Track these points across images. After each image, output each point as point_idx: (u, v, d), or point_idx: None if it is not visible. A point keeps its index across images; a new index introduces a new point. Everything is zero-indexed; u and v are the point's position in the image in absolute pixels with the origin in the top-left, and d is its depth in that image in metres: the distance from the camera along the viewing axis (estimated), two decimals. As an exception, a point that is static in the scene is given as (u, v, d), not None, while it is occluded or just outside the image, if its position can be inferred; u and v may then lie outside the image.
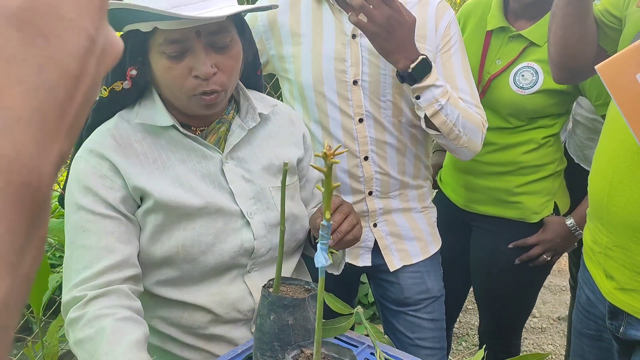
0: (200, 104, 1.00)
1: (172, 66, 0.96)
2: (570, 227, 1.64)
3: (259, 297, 1.04)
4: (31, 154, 0.23)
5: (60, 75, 0.24)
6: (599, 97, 1.53)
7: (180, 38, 0.94)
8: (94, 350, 0.87)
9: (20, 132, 0.23)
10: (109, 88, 1.03)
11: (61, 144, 0.25)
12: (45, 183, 0.24)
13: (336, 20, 1.39)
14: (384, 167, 1.45)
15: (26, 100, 0.23)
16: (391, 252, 1.51)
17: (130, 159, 1.00)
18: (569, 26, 1.22)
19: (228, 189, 1.05)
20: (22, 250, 0.23)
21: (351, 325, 1.00)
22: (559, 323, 3.03)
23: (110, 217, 0.97)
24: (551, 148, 1.64)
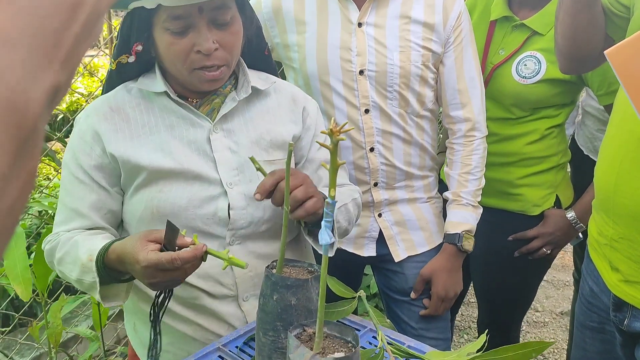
0: (202, 78, 1.03)
1: (175, 42, 0.99)
2: (571, 220, 1.63)
3: (240, 271, 1.09)
4: (18, 76, 0.22)
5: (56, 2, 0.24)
6: (600, 86, 1.52)
7: (183, 14, 0.97)
8: (75, 256, 0.99)
9: (6, 52, 0.22)
10: (116, 61, 1.08)
11: (55, 74, 0.24)
12: (35, 110, 0.23)
13: (342, 8, 1.38)
14: (390, 158, 1.44)
15: (16, 22, 0.22)
16: (396, 242, 1.51)
17: (118, 125, 1.06)
18: (577, 14, 1.20)
19: (212, 157, 1.07)
20: (6, 178, 0.22)
21: (354, 308, 1.01)
22: (561, 318, 3.03)
23: (84, 183, 1.06)
24: (555, 140, 1.63)
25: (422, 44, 1.37)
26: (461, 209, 1.44)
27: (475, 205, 1.45)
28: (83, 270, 0.97)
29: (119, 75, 1.10)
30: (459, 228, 1.43)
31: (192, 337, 1.11)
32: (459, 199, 1.45)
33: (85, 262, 0.97)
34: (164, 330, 1.10)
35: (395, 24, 1.37)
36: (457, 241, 1.42)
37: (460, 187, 1.45)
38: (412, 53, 1.36)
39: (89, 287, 0.99)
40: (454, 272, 1.47)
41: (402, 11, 1.37)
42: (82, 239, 1.01)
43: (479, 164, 1.45)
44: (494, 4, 1.63)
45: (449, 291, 1.46)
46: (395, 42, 1.36)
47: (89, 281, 0.97)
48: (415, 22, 1.37)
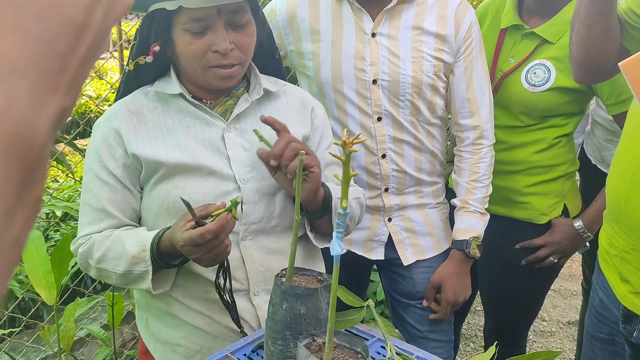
0: (217, 75, 1.07)
1: (193, 41, 1.04)
2: (579, 230, 1.62)
3: (251, 266, 1.11)
4: (24, 107, 0.21)
5: (62, 24, 0.23)
6: (610, 96, 1.52)
7: (203, 16, 1.03)
8: (120, 250, 1.04)
9: (13, 82, 0.21)
10: (134, 62, 1.12)
11: (61, 99, 0.23)
12: (40, 139, 0.22)
13: (356, 18, 1.40)
14: (401, 164, 1.46)
15: (23, 49, 0.21)
16: (405, 246, 1.53)
17: (137, 126, 1.10)
18: (593, 25, 1.20)
19: (226, 155, 1.11)
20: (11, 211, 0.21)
21: (362, 317, 1.00)
22: (568, 327, 3.01)
23: (109, 184, 1.09)
24: (563, 149, 1.63)
25: (433, 54, 1.39)
26: (469, 216, 1.46)
27: (482, 212, 1.47)
28: (133, 262, 1.03)
29: (136, 75, 1.14)
30: (467, 235, 1.45)
31: (204, 331, 1.13)
32: (467, 206, 1.47)
33: (136, 254, 1.03)
34: (176, 324, 1.14)
35: (408, 34, 1.39)
36: (465, 247, 1.45)
37: (468, 194, 1.47)
38: (424, 63, 1.38)
39: (137, 277, 1.05)
40: (463, 278, 1.49)
41: (414, 22, 1.39)
42: (124, 234, 1.07)
43: (486, 171, 1.47)
44: (504, 12, 1.63)
45: (459, 296, 1.48)
46: (408, 53, 1.38)
47: (138, 271, 1.04)
48: (427, 33, 1.39)
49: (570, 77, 1.52)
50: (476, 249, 1.46)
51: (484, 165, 1.47)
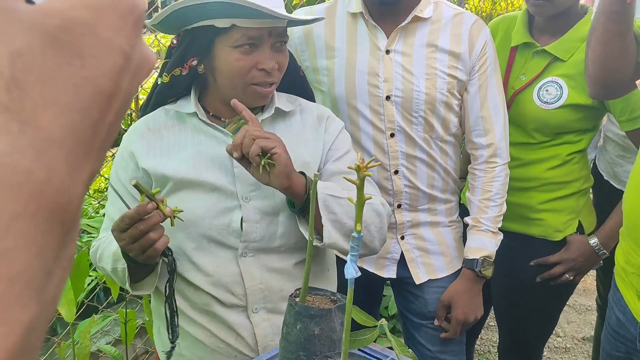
0: (257, 94, 1.12)
1: (241, 58, 1.09)
2: (594, 247, 1.61)
3: (250, 282, 1.13)
4: (63, 177, 0.22)
5: (95, 95, 0.24)
6: (622, 112, 1.52)
7: (256, 35, 1.08)
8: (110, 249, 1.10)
9: (53, 154, 0.22)
10: (169, 75, 1.15)
11: (92, 162, 0.25)
12: (76, 204, 0.23)
13: (371, 35, 1.42)
14: (414, 181, 1.46)
15: (60, 121, 0.23)
16: (417, 265, 1.52)
17: (151, 143, 1.15)
18: (609, 42, 1.20)
19: (232, 172, 1.14)
20: (50, 273, 0.22)
21: (375, 337, 1.00)
22: (583, 343, 2.97)
23: (121, 196, 1.12)
24: (576, 165, 1.63)
25: (447, 71, 1.40)
26: (480, 235, 1.46)
27: (494, 232, 1.46)
28: (115, 259, 1.08)
29: (170, 87, 1.17)
30: (478, 254, 1.45)
31: (203, 343, 1.16)
32: (479, 225, 1.46)
33: (115, 251, 1.07)
34: (181, 334, 1.15)
35: (422, 52, 1.40)
36: (476, 267, 1.44)
37: (481, 213, 1.46)
38: (437, 80, 1.39)
39: (122, 275, 1.08)
40: (474, 297, 1.48)
41: (428, 40, 1.40)
42: None
43: (499, 190, 1.46)
44: (515, 30, 1.64)
45: (469, 315, 1.47)
46: (422, 70, 1.39)
47: (120, 268, 1.07)
48: (441, 50, 1.40)
49: (582, 94, 1.53)
50: (487, 268, 1.45)
51: (497, 184, 1.46)
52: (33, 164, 0.21)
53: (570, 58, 1.55)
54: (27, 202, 0.21)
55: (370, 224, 1.17)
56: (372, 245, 1.19)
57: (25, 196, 0.21)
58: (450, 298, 1.48)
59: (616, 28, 1.19)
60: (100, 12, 0.24)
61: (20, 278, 0.21)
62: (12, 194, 0.21)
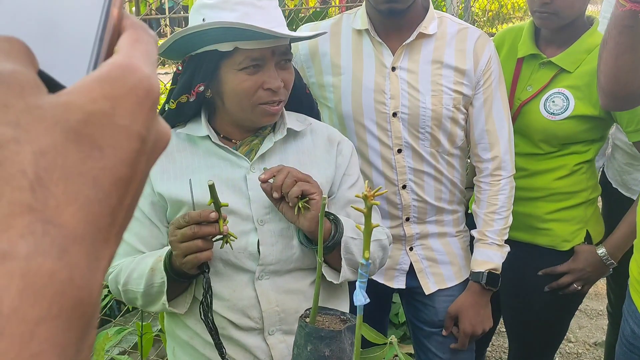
0: (265, 113, 1.12)
1: (247, 79, 1.09)
2: (602, 257, 1.61)
3: (266, 306, 1.13)
4: (84, 272, 0.22)
5: (113, 183, 0.24)
6: (629, 123, 1.52)
7: (259, 56, 1.09)
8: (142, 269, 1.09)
9: (75, 251, 0.22)
10: (176, 101, 1.16)
11: (112, 247, 0.24)
12: (96, 294, 0.23)
13: (376, 52, 1.43)
14: (422, 195, 1.47)
15: (81, 215, 0.23)
16: (426, 275, 1.54)
17: (165, 166, 1.15)
18: (621, 55, 1.21)
19: (247, 195, 1.14)
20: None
21: (385, 355, 1.01)
22: (595, 349, 2.96)
23: (138, 220, 1.15)
24: (584, 175, 1.63)
25: (453, 87, 1.41)
26: (486, 248, 1.47)
27: (500, 244, 1.48)
28: (151, 275, 1.07)
29: (178, 113, 1.18)
30: (484, 267, 1.46)
31: None
32: (485, 238, 1.48)
33: (154, 265, 1.07)
34: (196, 356, 1.17)
35: (428, 68, 1.41)
36: (482, 280, 1.46)
37: (486, 226, 1.47)
38: (443, 97, 1.40)
39: (157, 293, 1.08)
40: (481, 309, 1.49)
41: (434, 56, 1.41)
42: (148, 254, 1.13)
43: (505, 203, 1.48)
44: (521, 42, 1.65)
45: (477, 328, 1.49)
46: (428, 86, 1.40)
47: (157, 284, 1.07)
48: (446, 66, 1.41)
49: (588, 105, 1.53)
50: (493, 281, 1.46)
51: (502, 197, 1.47)
52: (56, 264, 0.21)
53: (576, 69, 1.55)
54: (50, 305, 0.21)
55: (376, 258, 1.22)
56: (372, 274, 1.30)
57: (49, 299, 0.21)
58: (457, 310, 1.50)
59: (628, 41, 1.19)
60: (118, 101, 0.25)
61: None
62: (36, 298, 0.21)
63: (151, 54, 0.28)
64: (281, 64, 1.13)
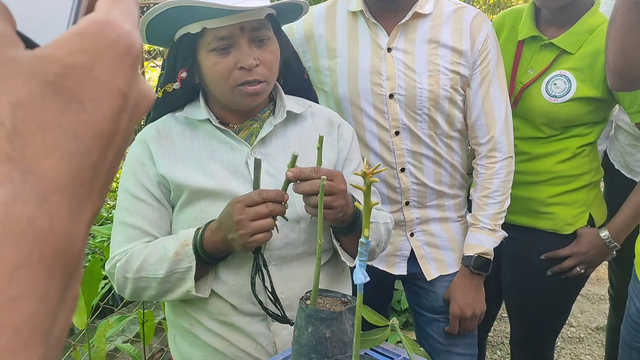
0: (243, 93, 1.09)
1: (219, 61, 1.07)
2: (605, 240, 1.60)
3: None
4: (65, 222, 0.23)
5: (95, 137, 0.24)
6: (632, 104, 1.51)
7: (227, 35, 1.06)
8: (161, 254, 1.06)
9: (55, 201, 0.22)
10: (162, 90, 1.15)
11: (94, 203, 0.25)
12: (79, 246, 0.24)
13: (371, 33, 1.41)
14: (421, 178, 1.46)
15: (61, 167, 0.23)
16: (428, 261, 1.53)
17: (165, 148, 1.14)
18: (629, 33, 1.19)
19: (250, 180, 1.12)
20: (55, 316, 0.23)
21: (387, 337, 1.01)
22: (597, 333, 2.96)
23: (146, 202, 1.12)
24: (586, 158, 1.62)
25: (450, 67, 1.39)
26: (478, 232, 1.47)
27: (492, 229, 1.46)
28: (176, 260, 1.04)
29: (164, 102, 1.17)
30: (473, 250, 1.46)
31: (222, 353, 1.14)
32: (477, 222, 1.47)
33: (179, 250, 1.04)
34: (197, 344, 1.16)
35: (424, 48, 1.39)
36: (470, 263, 1.45)
37: (479, 210, 1.47)
38: (440, 77, 1.38)
39: (179, 279, 1.06)
40: (471, 292, 1.48)
41: (430, 36, 1.39)
42: (164, 239, 1.10)
43: (499, 187, 1.46)
44: (522, 24, 1.63)
45: (465, 311, 1.47)
46: (424, 67, 1.38)
47: (181, 269, 1.05)
48: (443, 46, 1.39)
49: (591, 87, 1.51)
50: (483, 265, 1.45)
51: (497, 181, 1.45)
52: (36, 212, 0.22)
53: (578, 51, 1.53)
54: (30, 251, 0.21)
55: (382, 241, 1.22)
56: (375, 256, 1.28)
57: (29, 245, 0.21)
58: (448, 293, 1.50)
59: (636, 19, 1.17)
60: (97, 56, 0.25)
61: (26, 325, 0.21)
62: (16, 244, 0.21)
63: (132, 11, 0.28)
64: (257, 40, 1.09)
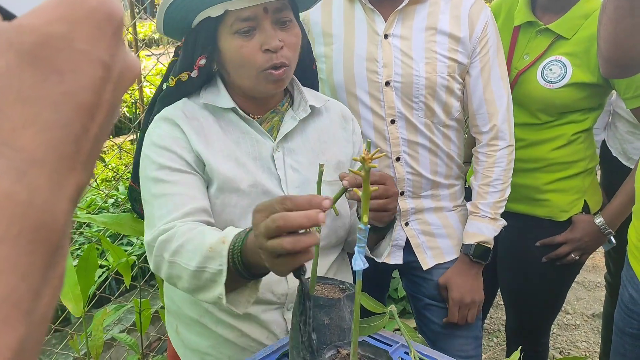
0: (269, 79, 1.06)
1: (244, 44, 1.04)
2: (600, 226, 1.61)
3: (293, 283, 1.09)
4: (46, 196, 0.22)
5: (76, 109, 0.24)
6: (627, 89, 1.51)
7: (250, 15, 1.03)
8: (199, 242, 0.89)
9: (34, 174, 0.22)
10: (176, 78, 1.11)
11: (78, 177, 0.24)
12: (61, 219, 0.23)
13: (368, 19, 1.39)
14: (416, 167, 1.45)
15: (41, 139, 0.22)
16: (424, 250, 1.51)
17: (196, 129, 1.08)
18: (621, 19, 1.18)
19: (276, 175, 1.10)
20: (38, 292, 0.22)
21: (385, 324, 1.01)
22: (592, 320, 2.98)
23: (188, 172, 1.05)
24: (582, 145, 1.62)
25: (448, 55, 1.37)
26: (478, 221, 1.46)
27: (493, 218, 1.45)
28: (208, 256, 0.87)
29: (178, 91, 1.13)
30: (473, 239, 1.45)
31: (233, 342, 1.12)
32: (477, 211, 1.46)
33: (214, 245, 0.86)
34: (205, 334, 1.13)
35: (421, 35, 1.37)
36: (470, 252, 1.44)
37: (480, 198, 1.46)
38: (438, 64, 1.36)
39: (209, 280, 0.87)
40: (470, 279, 1.47)
41: (428, 23, 1.38)
42: (211, 228, 0.96)
43: (500, 176, 1.45)
44: (517, 9, 1.62)
45: (465, 296, 1.46)
46: (421, 54, 1.36)
47: (211, 271, 0.86)
48: (441, 33, 1.37)
49: (586, 72, 1.51)
50: (482, 254, 1.45)
51: (498, 169, 1.44)
52: (13, 185, 0.21)
53: (573, 36, 1.53)
54: (9, 225, 0.21)
55: None
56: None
57: (7, 219, 0.21)
58: (446, 280, 1.49)
59: (628, 5, 1.17)
60: (76, 25, 0.24)
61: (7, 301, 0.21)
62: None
63: None
64: (280, 22, 1.06)
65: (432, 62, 1.36)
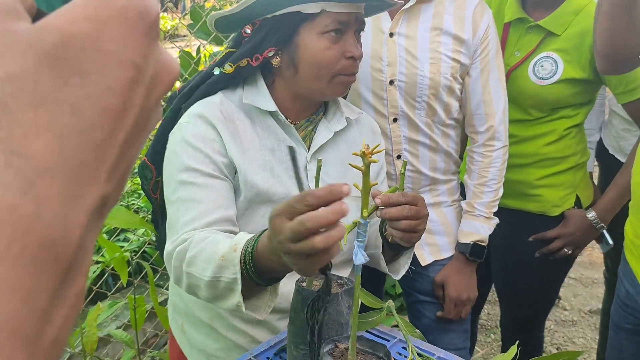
0: (343, 83, 1.07)
1: (330, 46, 1.04)
2: (592, 220, 1.62)
3: None
4: (55, 208, 0.20)
5: (99, 113, 0.22)
6: (618, 85, 1.52)
7: (346, 20, 1.04)
8: (212, 252, 0.87)
9: (44, 184, 0.20)
10: (235, 65, 1.08)
11: (100, 188, 0.22)
12: (75, 234, 0.21)
13: (374, 17, 1.39)
14: (416, 164, 1.46)
15: (55, 146, 0.21)
16: (422, 246, 1.52)
17: (232, 133, 1.05)
18: (616, 17, 1.19)
19: (307, 186, 1.09)
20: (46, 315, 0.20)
21: (382, 319, 1.01)
22: (590, 316, 2.99)
23: (219, 178, 1.01)
24: (573, 140, 1.63)
25: (451, 55, 1.38)
26: (473, 220, 1.47)
27: (488, 217, 1.47)
28: (221, 265, 0.85)
29: (232, 78, 1.09)
30: (469, 238, 1.46)
31: (243, 347, 1.11)
32: (473, 210, 1.47)
33: (226, 253, 0.85)
34: (215, 337, 1.12)
35: (427, 35, 1.38)
36: (467, 251, 1.46)
37: (475, 197, 1.47)
38: (442, 65, 1.37)
39: (226, 288, 0.86)
40: (466, 277, 1.49)
41: (433, 23, 1.38)
42: (223, 236, 0.93)
43: (495, 176, 1.46)
44: (507, 6, 1.63)
45: (461, 294, 1.48)
46: (426, 54, 1.37)
47: (226, 279, 0.85)
48: (445, 33, 1.38)
49: (577, 68, 1.52)
50: (478, 252, 1.47)
51: (494, 169, 1.46)
52: (19, 198, 0.19)
53: (564, 32, 1.53)
54: (9, 242, 0.19)
55: None
56: None
57: (7, 236, 0.19)
58: (442, 278, 1.50)
59: (623, 2, 1.17)
60: (103, 24, 0.22)
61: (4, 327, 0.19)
62: None
63: None
64: (357, 34, 1.08)
65: (437, 63, 1.37)
